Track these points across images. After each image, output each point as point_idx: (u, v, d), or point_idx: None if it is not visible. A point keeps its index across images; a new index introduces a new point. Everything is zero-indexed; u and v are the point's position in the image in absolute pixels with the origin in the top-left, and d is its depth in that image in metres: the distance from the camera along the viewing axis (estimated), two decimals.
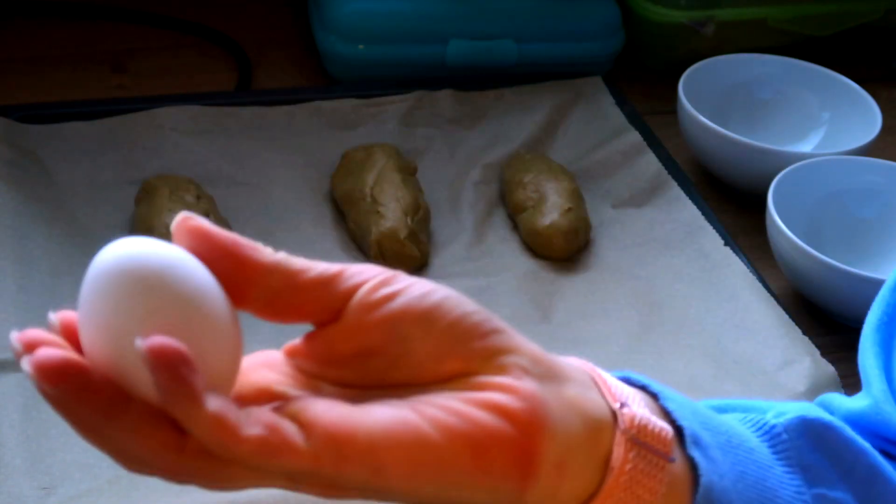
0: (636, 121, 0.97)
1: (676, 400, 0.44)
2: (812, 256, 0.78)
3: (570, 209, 0.85)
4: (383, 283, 0.40)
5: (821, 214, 0.87)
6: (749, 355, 0.76)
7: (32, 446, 0.64)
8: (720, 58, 0.99)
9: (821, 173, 0.87)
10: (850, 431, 0.48)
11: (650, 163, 0.92)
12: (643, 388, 0.45)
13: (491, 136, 0.96)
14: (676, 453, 0.43)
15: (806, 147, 0.97)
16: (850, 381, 0.75)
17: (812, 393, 0.72)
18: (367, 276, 0.40)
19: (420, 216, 0.84)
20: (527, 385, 0.40)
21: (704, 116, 0.91)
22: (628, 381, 0.45)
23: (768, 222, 0.82)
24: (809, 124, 0.99)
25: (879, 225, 0.87)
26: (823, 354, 0.75)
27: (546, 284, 0.83)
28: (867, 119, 0.94)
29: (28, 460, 0.63)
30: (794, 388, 0.72)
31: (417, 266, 0.82)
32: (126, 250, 0.37)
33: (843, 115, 0.97)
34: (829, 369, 0.74)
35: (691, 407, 0.45)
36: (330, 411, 0.38)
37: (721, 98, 0.98)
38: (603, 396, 0.43)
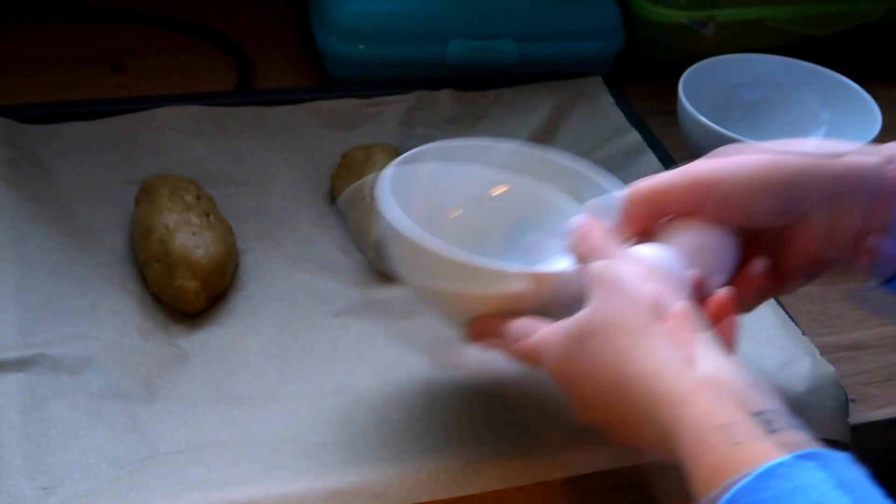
0: (636, 121, 0.97)
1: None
2: None
3: None
4: None
5: None
6: (749, 355, 0.76)
7: (32, 446, 0.64)
8: (720, 58, 0.99)
9: None
10: None
11: (650, 163, 0.92)
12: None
13: (491, 136, 0.96)
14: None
15: None
16: (849, 381, 0.75)
17: (812, 393, 0.72)
18: None
19: None
20: None
21: (704, 116, 0.91)
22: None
23: None
24: (809, 124, 0.99)
25: None
26: (823, 354, 0.75)
27: None
28: (867, 119, 0.94)
29: (28, 460, 0.63)
30: (794, 388, 0.72)
31: None
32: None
33: (843, 115, 0.97)
34: (829, 369, 0.74)
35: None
36: None
37: (721, 98, 0.98)
38: None
